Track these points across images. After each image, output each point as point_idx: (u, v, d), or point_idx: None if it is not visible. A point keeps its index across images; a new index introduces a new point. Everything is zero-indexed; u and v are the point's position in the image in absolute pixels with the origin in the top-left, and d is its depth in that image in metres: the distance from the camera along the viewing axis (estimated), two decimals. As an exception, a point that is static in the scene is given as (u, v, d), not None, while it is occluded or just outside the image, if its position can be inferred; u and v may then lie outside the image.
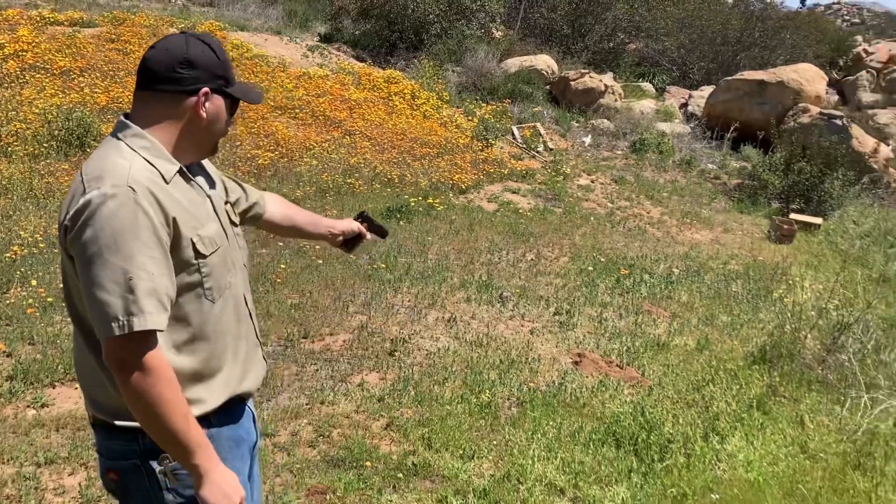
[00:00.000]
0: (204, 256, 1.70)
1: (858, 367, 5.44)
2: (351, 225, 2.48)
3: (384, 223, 2.69)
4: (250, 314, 1.94)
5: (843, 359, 5.61)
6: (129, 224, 1.54)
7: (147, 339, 1.56)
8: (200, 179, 1.83)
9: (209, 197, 1.83)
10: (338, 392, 4.79)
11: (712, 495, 3.89)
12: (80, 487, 3.51)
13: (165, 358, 1.61)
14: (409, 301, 6.50)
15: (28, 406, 4.25)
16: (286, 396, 4.67)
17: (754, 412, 4.90)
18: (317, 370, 5.07)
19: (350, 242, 2.54)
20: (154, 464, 1.69)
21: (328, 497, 3.64)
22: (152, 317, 1.55)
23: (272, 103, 11.34)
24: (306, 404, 4.60)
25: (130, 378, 1.56)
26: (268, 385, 4.73)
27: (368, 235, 2.57)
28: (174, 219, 1.63)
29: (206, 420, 1.75)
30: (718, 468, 4.26)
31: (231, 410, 1.84)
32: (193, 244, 1.67)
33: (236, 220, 1.98)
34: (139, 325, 1.53)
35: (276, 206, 2.29)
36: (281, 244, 7.32)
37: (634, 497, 3.87)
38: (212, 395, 1.76)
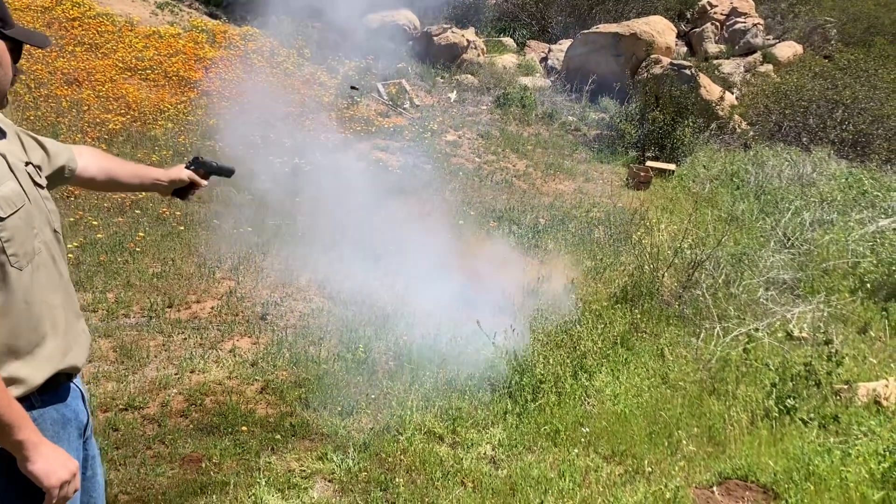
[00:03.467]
0: (2, 219, 1.55)
1: (711, 300, 5.82)
2: (181, 174, 2.36)
3: (226, 162, 2.50)
4: (65, 282, 1.78)
5: (698, 294, 5.98)
6: None
7: None
8: None
9: (3, 155, 1.66)
10: (208, 360, 4.64)
11: (583, 429, 4.07)
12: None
13: None
14: (279, 264, 6.36)
15: None
16: (153, 367, 4.48)
17: (619, 349, 5.15)
18: (185, 339, 4.88)
19: (182, 191, 2.42)
20: None
21: (204, 464, 3.53)
22: None
23: (121, 65, 10.66)
24: (175, 374, 4.43)
25: None
26: (132, 357, 4.51)
27: (204, 182, 2.46)
28: None
29: (27, 401, 1.61)
30: (588, 403, 4.45)
31: (56, 388, 1.70)
32: None
33: (41, 181, 1.79)
34: None
35: (90, 160, 2.09)
36: (138, 211, 6.95)
37: (510, 437, 3.99)
38: (33, 373, 1.61)
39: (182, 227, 6.74)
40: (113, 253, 5.97)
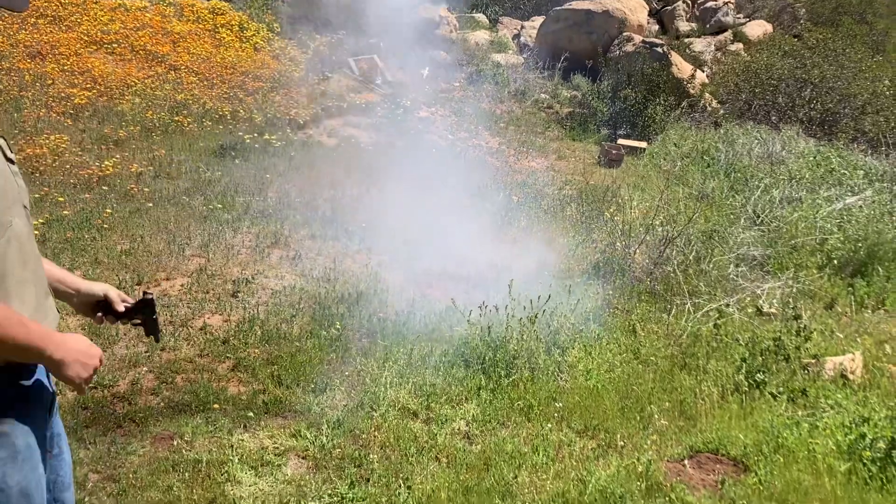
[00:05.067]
0: None
1: (682, 277, 5.87)
2: (107, 291, 2.09)
3: (160, 329, 2.22)
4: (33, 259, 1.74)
5: (669, 270, 6.03)
6: None
7: None
8: None
9: None
10: (178, 337, 4.58)
11: (556, 404, 4.10)
12: None
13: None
14: (249, 241, 6.29)
15: None
16: (122, 346, 4.41)
17: (591, 324, 5.18)
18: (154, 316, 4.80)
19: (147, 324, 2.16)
20: None
21: (175, 442, 3.50)
22: None
23: (86, 38, 10.41)
24: (145, 352, 4.37)
25: None
26: (101, 335, 4.44)
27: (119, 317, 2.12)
28: None
29: None
30: (561, 379, 4.48)
31: (22, 366, 1.67)
32: None
33: (12, 155, 1.75)
34: None
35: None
36: (106, 188, 6.82)
37: (484, 412, 4.00)
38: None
39: (151, 204, 6.62)
40: (80, 230, 5.85)
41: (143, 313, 2.13)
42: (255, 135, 8.98)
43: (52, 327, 1.78)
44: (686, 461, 3.63)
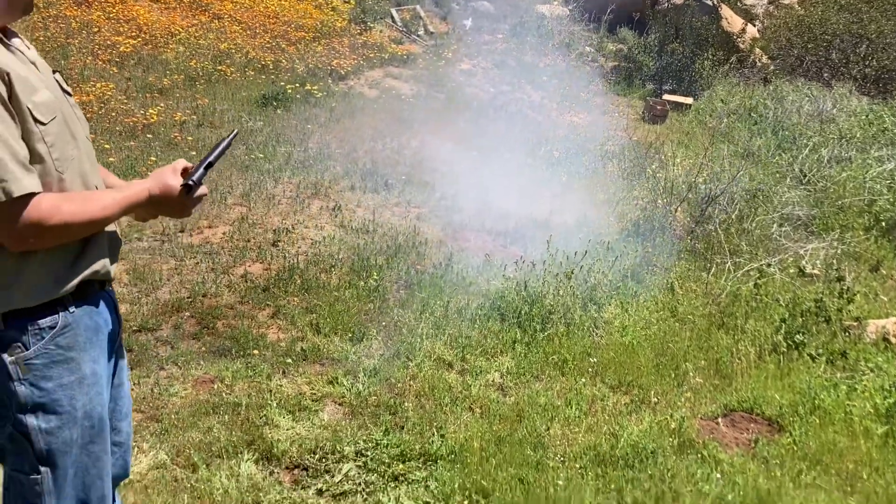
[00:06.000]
0: (44, 124, 1.55)
1: (723, 236, 5.79)
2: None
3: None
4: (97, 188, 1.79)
5: (710, 229, 5.94)
6: None
7: (24, 202, 1.47)
8: (18, 42, 1.65)
9: (34, 63, 1.65)
10: (220, 284, 4.68)
11: (590, 359, 4.11)
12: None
13: (44, 197, 1.51)
14: (290, 191, 6.35)
15: None
16: (166, 290, 4.52)
17: (629, 282, 5.15)
18: (197, 263, 4.91)
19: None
20: (4, 355, 1.58)
21: (216, 385, 3.60)
22: (19, 182, 1.45)
23: (130, -15, 10.46)
24: (188, 297, 4.47)
25: (50, 241, 1.54)
26: (145, 280, 4.56)
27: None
28: (8, 74, 1.47)
29: (62, 304, 1.64)
30: (596, 334, 4.48)
31: (89, 295, 1.72)
32: (30, 110, 1.52)
33: (69, 88, 1.80)
34: (19, 189, 1.45)
35: None
36: (150, 135, 6.92)
37: (518, 365, 4.03)
38: (66, 275, 1.63)
39: (194, 153, 6.71)
40: (125, 176, 5.94)
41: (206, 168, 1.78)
42: (297, 85, 9.00)
43: (115, 257, 1.82)
44: (720, 419, 3.63)
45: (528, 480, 2.97)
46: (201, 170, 1.75)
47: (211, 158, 1.78)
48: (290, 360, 3.89)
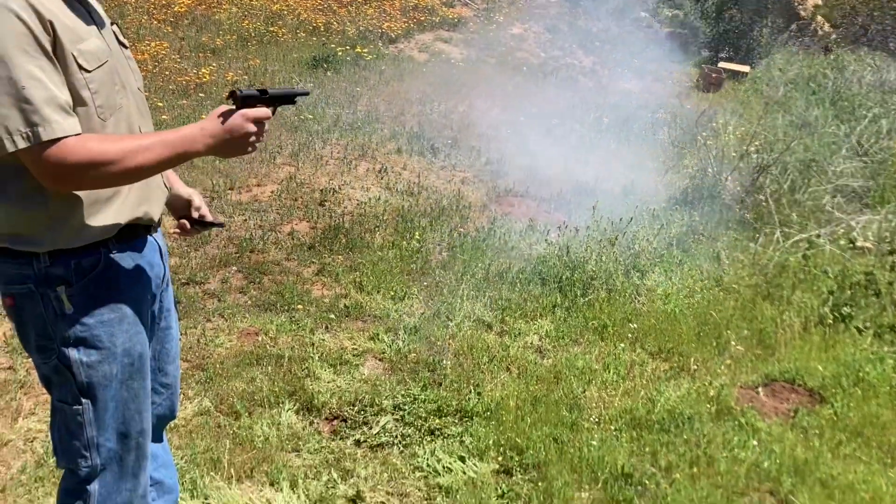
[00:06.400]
0: (88, 71, 1.59)
1: (774, 206, 5.66)
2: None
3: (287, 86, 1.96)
4: None
5: (761, 199, 5.82)
6: (8, 34, 1.44)
7: (63, 145, 1.48)
8: None
9: (87, 11, 1.68)
10: (267, 241, 4.77)
11: (631, 325, 4.09)
12: (3, 337, 3.47)
13: (84, 140, 1.51)
14: (338, 152, 6.40)
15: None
16: (214, 246, 4.63)
17: (674, 250, 5.10)
18: (245, 220, 5.01)
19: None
20: (49, 290, 1.64)
21: (260, 338, 3.69)
22: (59, 124, 1.47)
23: (185, -54, 10.55)
24: (235, 253, 4.57)
25: (80, 180, 1.52)
26: (193, 236, 4.66)
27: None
28: (51, 23, 1.51)
29: (104, 245, 1.69)
30: (638, 301, 4.46)
31: (133, 238, 1.77)
32: (75, 58, 1.56)
33: (125, 41, 1.84)
34: (48, 134, 1.46)
35: None
36: (202, 94, 7.03)
37: (558, 329, 4.04)
38: (108, 219, 1.68)
39: (244, 113, 6.80)
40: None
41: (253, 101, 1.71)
42: (347, 48, 9.02)
43: (160, 203, 1.86)
44: (760, 389, 3.59)
45: (562, 439, 3.00)
46: (253, 89, 1.72)
47: (269, 88, 1.75)
48: (332, 316, 3.97)
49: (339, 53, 8.71)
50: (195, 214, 2.09)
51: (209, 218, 2.14)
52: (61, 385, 1.73)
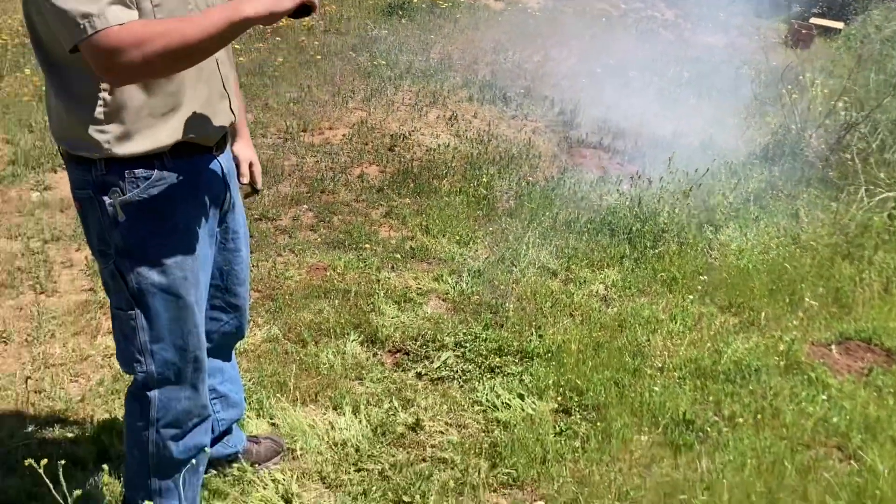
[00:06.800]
0: None
1: (860, 165, 5.41)
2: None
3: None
4: (218, 64, 1.82)
5: (847, 157, 5.57)
6: None
7: (112, 31, 1.45)
8: None
9: None
10: (338, 182, 4.82)
11: (701, 278, 4.00)
12: (86, 261, 3.63)
13: (131, 24, 1.47)
14: (409, 99, 6.40)
15: (31, 188, 4.31)
16: (287, 185, 4.72)
17: (750, 206, 4.94)
18: (316, 161, 5.08)
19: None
20: (105, 198, 1.68)
21: (328, 273, 3.76)
22: (114, 14, 1.45)
23: None
24: (307, 192, 4.65)
25: (133, 66, 1.46)
26: (268, 174, 4.76)
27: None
28: None
29: (159, 159, 1.71)
30: (710, 256, 4.35)
31: (190, 156, 1.78)
32: None
33: None
34: (102, 23, 1.43)
35: None
36: (278, 38, 7.10)
37: (624, 279, 3.99)
38: (163, 133, 1.69)
39: (319, 57, 6.85)
40: (253, 76, 6.18)
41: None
42: (423, -5, 8.95)
43: (221, 127, 1.85)
44: (833, 346, 3.48)
45: (623, 384, 2.98)
46: None
47: None
48: (398, 256, 4.01)
49: (415, 1, 8.66)
50: (244, 180, 2.14)
51: (259, 185, 2.20)
52: (117, 291, 1.80)
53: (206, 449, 2.02)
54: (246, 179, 2.14)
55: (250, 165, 2.16)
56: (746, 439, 2.68)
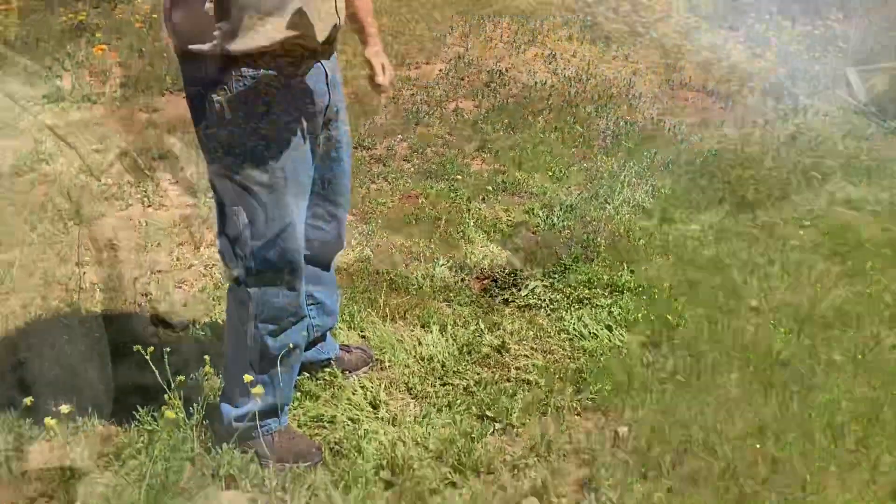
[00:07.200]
0: None
1: None
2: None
3: None
4: None
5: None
6: None
7: None
8: None
9: None
10: (433, 115, 4.83)
11: (804, 223, 3.84)
12: (190, 178, 3.77)
13: None
14: (507, 36, 6.30)
15: (140, 110, 4.49)
16: (382, 116, 4.75)
17: (863, 155, 4.67)
18: (412, 94, 5.09)
19: None
20: (213, 93, 1.74)
21: (420, 201, 3.80)
22: None
23: None
24: (402, 124, 4.68)
25: None
26: (363, 104, 4.80)
27: None
28: None
29: (263, 58, 1.73)
30: (815, 204, 4.16)
31: (293, 59, 1.80)
32: None
33: None
34: None
35: None
36: (379, -26, 7.08)
37: (722, 222, 3.86)
38: (266, 33, 1.70)
39: (418, -7, 6.81)
40: (352, 10, 6.19)
41: None
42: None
43: (325, 31, 1.83)
44: (945, 300, 3.29)
45: (715, 321, 2.91)
46: None
47: None
48: (489, 189, 4.00)
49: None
50: (378, 80, 2.12)
51: (388, 92, 2.15)
52: (221, 189, 1.86)
53: (300, 348, 2.09)
54: (380, 80, 2.12)
55: (383, 67, 2.14)
56: (843, 384, 2.59)
